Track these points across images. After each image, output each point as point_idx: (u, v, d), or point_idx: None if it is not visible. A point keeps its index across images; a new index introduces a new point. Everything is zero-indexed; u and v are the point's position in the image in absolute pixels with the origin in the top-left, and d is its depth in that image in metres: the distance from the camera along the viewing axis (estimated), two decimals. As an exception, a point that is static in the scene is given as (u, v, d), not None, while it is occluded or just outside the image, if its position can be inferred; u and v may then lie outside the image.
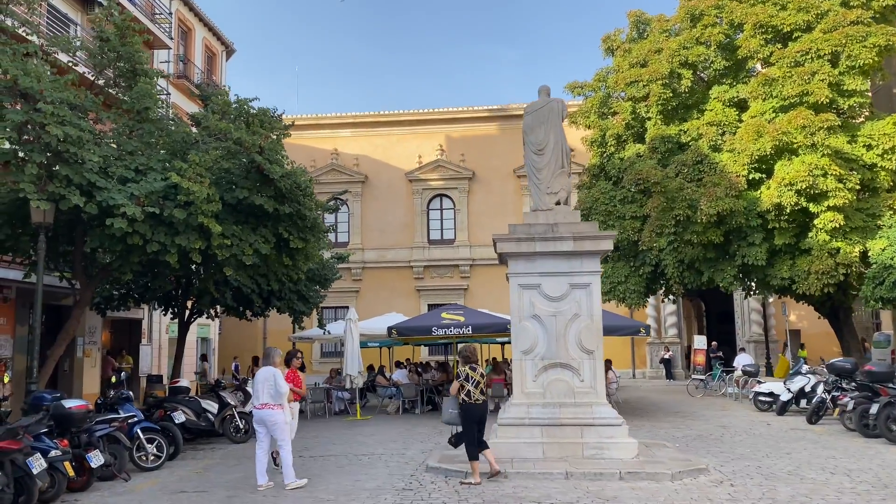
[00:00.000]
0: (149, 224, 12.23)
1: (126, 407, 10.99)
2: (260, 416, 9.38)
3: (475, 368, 9.68)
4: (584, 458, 10.03)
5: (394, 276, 37.49)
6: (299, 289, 19.48)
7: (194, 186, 12.06)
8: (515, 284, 10.80)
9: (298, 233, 14.31)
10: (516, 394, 10.58)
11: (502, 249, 10.70)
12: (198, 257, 12.83)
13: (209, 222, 12.45)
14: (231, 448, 13.55)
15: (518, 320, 10.73)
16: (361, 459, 11.49)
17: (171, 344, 27.56)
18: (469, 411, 9.51)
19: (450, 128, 38.44)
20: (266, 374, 9.41)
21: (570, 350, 10.59)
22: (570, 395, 10.50)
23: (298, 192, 14.02)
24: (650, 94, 23.37)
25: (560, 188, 11.19)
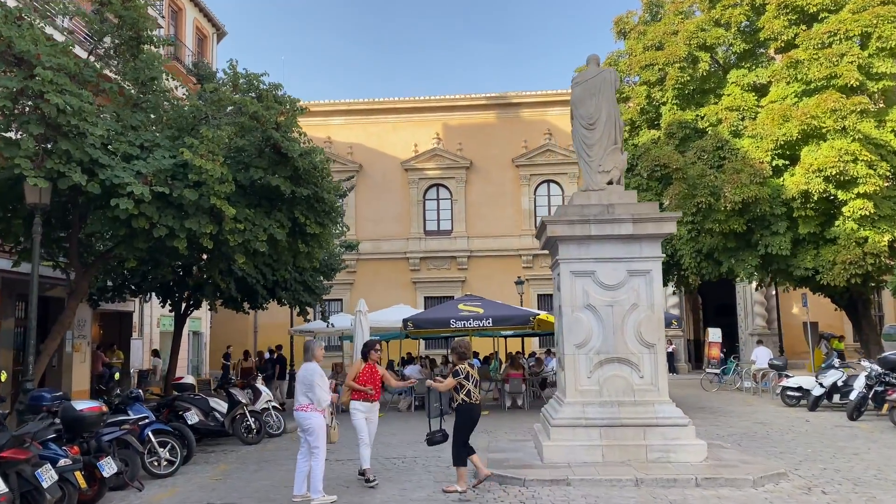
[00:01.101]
0: (156, 206, 11.11)
1: (135, 407, 9.88)
2: (296, 418, 8.36)
3: (473, 366, 8.77)
4: (649, 461, 9.12)
5: (389, 267, 36.42)
6: (305, 279, 18.41)
7: (207, 165, 10.96)
8: (567, 271, 9.84)
9: (315, 217, 13.25)
10: (570, 391, 9.64)
11: (553, 232, 9.73)
12: (209, 243, 11.73)
13: (222, 204, 11.37)
14: (244, 450, 12.49)
15: (570, 311, 9.77)
16: (396, 464, 10.50)
17: (164, 338, 26.39)
18: (470, 412, 8.63)
19: (447, 116, 37.39)
20: (303, 371, 8.36)
21: (629, 343, 9.66)
22: (629, 393, 9.57)
23: (316, 173, 12.97)
24: (666, 78, 22.51)
25: (613, 166, 10.25)
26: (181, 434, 10.42)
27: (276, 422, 14.26)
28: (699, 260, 21.51)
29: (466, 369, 8.64)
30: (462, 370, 8.61)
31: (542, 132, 36.56)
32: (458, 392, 8.58)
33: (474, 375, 8.74)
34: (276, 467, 10.59)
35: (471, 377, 8.67)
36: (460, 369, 8.60)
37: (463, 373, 8.59)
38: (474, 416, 8.74)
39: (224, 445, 13.01)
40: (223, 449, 12.62)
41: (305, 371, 8.32)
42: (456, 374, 8.60)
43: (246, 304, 19.19)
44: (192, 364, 28.36)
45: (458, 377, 8.57)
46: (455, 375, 8.60)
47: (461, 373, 8.58)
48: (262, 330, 36.12)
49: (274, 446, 12.91)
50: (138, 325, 24.38)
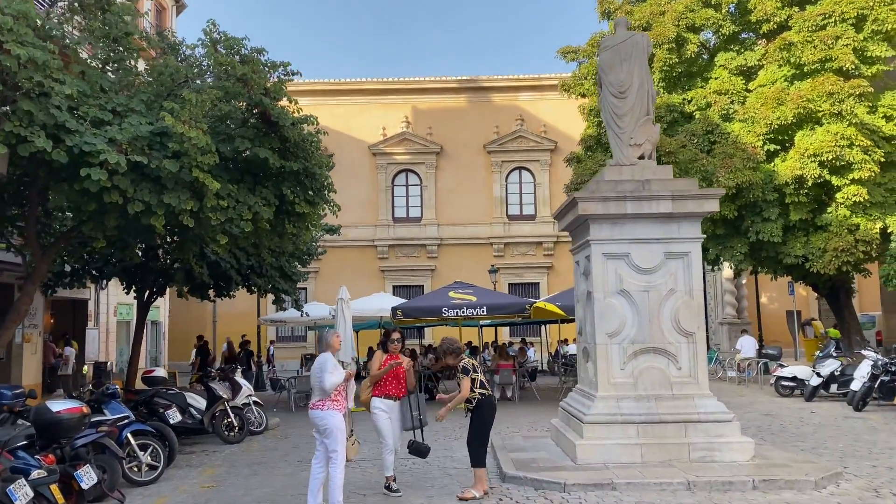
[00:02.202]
0: (130, 178, 9.84)
1: (112, 406, 8.65)
2: (310, 417, 7.28)
3: (470, 356, 7.86)
4: (692, 461, 8.31)
5: (356, 255, 35.18)
6: (282, 264, 17.20)
7: (191, 132, 9.73)
8: (599, 253, 8.95)
9: (305, 195, 12.10)
10: (602, 384, 8.76)
11: (585, 210, 8.81)
12: (189, 221, 10.49)
13: (205, 178, 10.14)
14: (227, 450, 11.33)
15: (602, 297, 8.89)
16: (409, 467, 9.47)
17: (120, 328, 24.82)
18: (492, 405, 7.73)
19: (416, 98, 36.23)
20: (315, 363, 7.30)
21: (665, 332, 8.83)
22: (666, 386, 8.75)
23: (307, 146, 11.82)
24: (653, 60, 21.84)
25: (645, 139, 9.38)
26: (162, 435, 9.21)
27: (257, 418, 13.11)
28: (686, 247, 20.91)
29: (472, 363, 7.70)
30: (469, 365, 7.64)
31: (513, 118, 35.72)
32: (472, 389, 7.62)
33: (480, 368, 7.82)
34: (271, 471, 9.49)
35: (478, 369, 7.74)
36: (467, 365, 7.62)
37: (470, 367, 7.63)
38: (494, 409, 7.83)
39: (204, 445, 11.83)
40: (203, 449, 11.43)
41: (318, 362, 7.25)
42: (466, 372, 7.59)
43: (211, 291, 17.88)
44: (151, 355, 26.81)
45: (470, 373, 7.58)
46: (465, 373, 7.59)
47: (470, 368, 7.61)
48: (221, 319, 34.58)
49: (259, 445, 11.77)
50: (94, 313, 22.77)
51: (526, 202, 36.00)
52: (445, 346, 7.84)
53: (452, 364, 7.77)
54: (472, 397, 7.62)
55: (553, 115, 35.50)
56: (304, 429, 13.59)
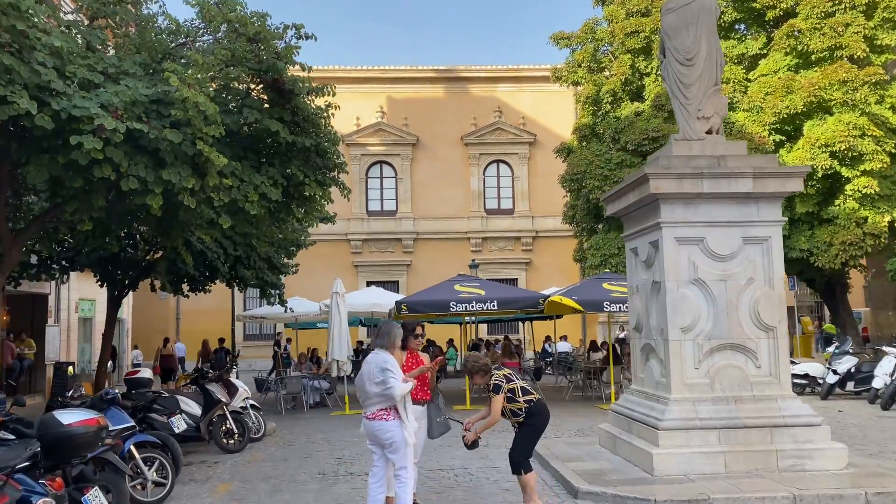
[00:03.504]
0: (124, 150, 8.51)
1: (113, 414, 7.30)
2: (368, 429, 6.08)
3: (500, 367, 6.76)
4: (780, 470, 7.40)
5: (329, 250, 33.64)
6: (271, 255, 15.87)
7: (198, 96, 8.46)
8: (671, 238, 7.97)
9: (315, 175, 10.87)
10: (675, 386, 7.79)
11: (658, 189, 7.82)
12: (190, 201, 9.17)
13: (210, 152, 8.86)
14: (230, 460, 10.04)
15: (675, 287, 7.91)
16: (450, 479, 8.34)
17: (82, 325, 23.09)
18: (545, 410, 6.65)
19: (392, 88, 34.95)
20: (371, 364, 6.08)
21: (744, 326, 7.91)
22: (745, 387, 7.83)
23: (319, 120, 10.61)
24: (653, 47, 21.09)
25: (714, 111, 8.44)
26: (166, 446, 7.92)
27: (255, 423, 11.83)
28: (686, 241, 20.19)
29: (502, 374, 6.56)
30: (500, 380, 6.50)
31: (492, 109, 34.72)
32: (513, 400, 6.49)
33: (512, 376, 6.67)
34: (294, 486, 8.26)
35: (513, 377, 6.63)
36: (498, 381, 6.47)
37: (504, 380, 6.51)
38: (548, 415, 6.76)
39: (201, 454, 10.51)
40: (202, 460, 10.13)
41: (374, 362, 6.02)
42: (497, 389, 6.44)
43: (185, 285, 16.45)
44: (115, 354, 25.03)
45: (504, 386, 6.45)
46: (496, 391, 6.45)
47: (502, 383, 6.47)
48: (185, 316, 32.93)
49: (264, 455, 10.51)
50: (54, 309, 21.01)
51: (504, 196, 35.06)
52: (471, 366, 6.60)
53: (481, 383, 6.61)
54: (517, 408, 6.51)
55: (532, 108, 34.67)
56: (305, 434, 12.39)
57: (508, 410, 6.53)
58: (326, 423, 14.03)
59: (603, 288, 14.32)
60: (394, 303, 14.86)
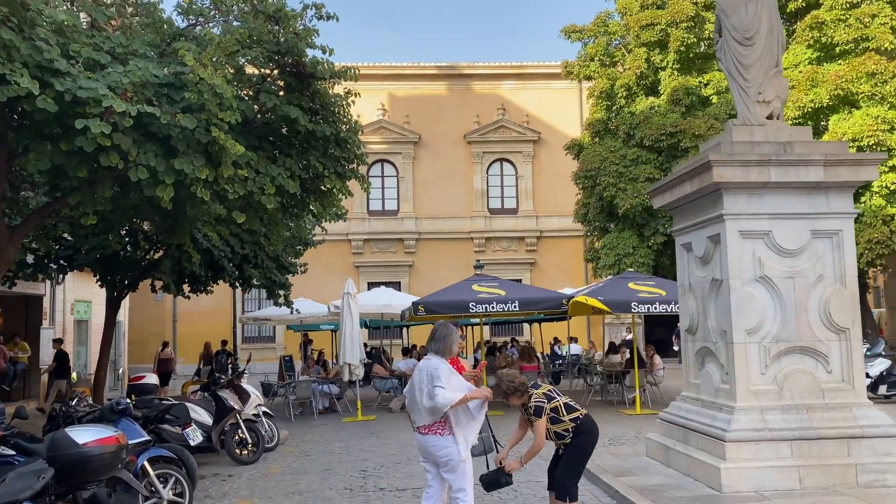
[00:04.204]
0: (132, 137, 7.79)
1: (125, 426, 6.56)
2: (421, 444, 5.37)
3: (538, 385, 6.02)
4: (861, 486, 6.76)
5: (329, 250, 32.70)
6: (278, 254, 15.15)
7: (216, 78, 7.75)
8: (734, 231, 7.31)
9: (335, 166, 10.17)
10: (740, 393, 7.13)
11: (721, 177, 7.16)
12: (204, 193, 8.45)
13: (226, 139, 8.16)
14: (246, 473, 9.32)
15: (740, 284, 7.25)
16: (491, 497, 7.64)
17: (78, 328, 22.28)
18: (592, 429, 5.93)
19: (393, 85, 34.22)
20: (423, 372, 5.39)
21: (814, 327, 7.25)
22: (816, 394, 7.17)
23: (340, 107, 9.92)
24: (669, 40, 20.51)
25: (774, 95, 7.79)
26: (181, 460, 7.19)
27: (268, 431, 11.11)
28: (704, 240, 19.58)
29: (542, 393, 5.85)
30: (541, 400, 5.79)
31: (495, 107, 34.03)
32: (557, 420, 5.80)
33: (552, 392, 5.97)
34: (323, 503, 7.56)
35: (553, 394, 5.93)
36: (539, 403, 5.75)
37: (545, 399, 5.81)
38: (597, 432, 6.07)
39: (213, 466, 9.79)
40: (215, 472, 9.41)
41: (427, 369, 5.31)
42: (539, 412, 5.75)
43: (186, 286, 15.72)
44: (111, 358, 24.21)
45: (545, 407, 5.75)
46: (538, 414, 5.77)
47: (544, 403, 5.76)
48: (182, 318, 32.09)
49: (282, 467, 9.79)
50: (49, 311, 20.21)
51: (508, 195, 34.38)
52: (506, 386, 5.77)
53: (518, 404, 5.88)
54: (563, 429, 5.81)
55: (537, 105, 34.01)
56: (320, 443, 11.68)
57: (552, 432, 5.84)
58: (340, 430, 13.32)
59: (629, 288, 13.67)
60: (410, 304, 14.15)
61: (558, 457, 6.05)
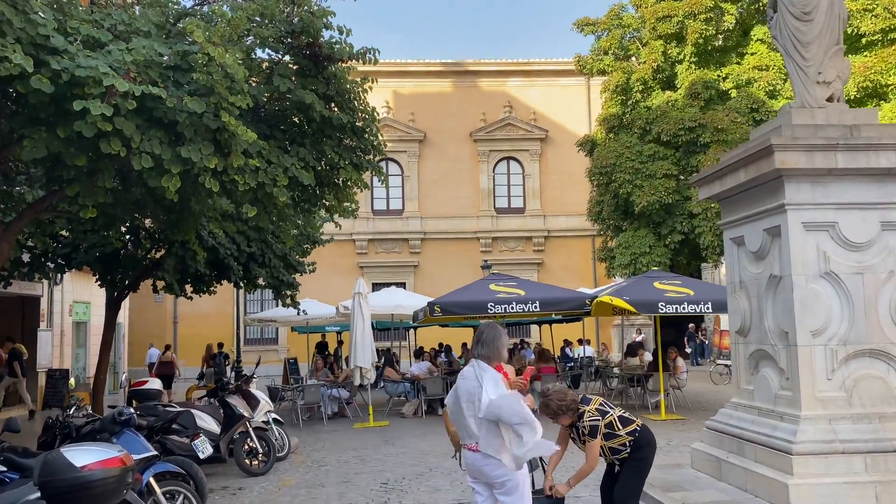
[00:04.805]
0: (136, 123, 7.14)
1: (128, 439, 5.89)
2: (471, 463, 4.68)
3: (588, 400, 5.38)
4: (943, 504, 6.09)
5: (333, 250, 31.98)
6: (286, 253, 14.49)
7: (227, 58, 7.11)
8: (797, 223, 6.66)
9: (351, 156, 9.52)
10: (806, 400, 6.48)
11: (784, 163, 6.52)
12: (213, 184, 7.80)
13: (236, 125, 7.51)
14: (258, 487, 8.66)
15: (803, 281, 6.60)
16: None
17: (77, 329, 21.63)
18: (651, 441, 5.43)
19: (398, 82, 33.57)
20: (469, 380, 4.69)
21: (885, 329, 6.61)
22: (889, 401, 6.53)
23: (356, 93, 9.28)
24: (686, 32, 19.89)
25: (836, 75, 7.16)
26: (189, 474, 6.53)
27: (279, 439, 10.45)
28: (723, 238, 18.95)
29: (594, 409, 5.23)
30: (593, 415, 5.17)
31: (501, 104, 33.42)
32: (613, 436, 5.17)
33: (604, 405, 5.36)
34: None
35: (606, 407, 5.31)
36: (592, 418, 5.11)
37: (599, 415, 5.20)
38: (655, 444, 5.46)
39: (221, 478, 9.13)
40: (223, 484, 8.75)
41: (473, 376, 4.63)
42: (594, 432, 5.13)
43: (188, 286, 15.08)
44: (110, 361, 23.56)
45: (600, 424, 5.11)
46: (593, 434, 5.14)
47: (598, 419, 5.13)
48: (183, 320, 31.46)
49: (297, 479, 9.13)
50: (47, 312, 19.55)
51: (514, 195, 33.77)
52: (556, 405, 5.11)
53: (568, 424, 5.24)
54: (619, 444, 5.19)
55: (544, 103, 33.41)
56: (333, 451, 11.02)
57: (607, 448, 5.21)
58: (352, 436, 12.66)
59: (655, 287, 13.02)
60: (424, 304, 13.49)
61: (613, 473, 5.42)
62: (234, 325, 22.54)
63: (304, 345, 23.19)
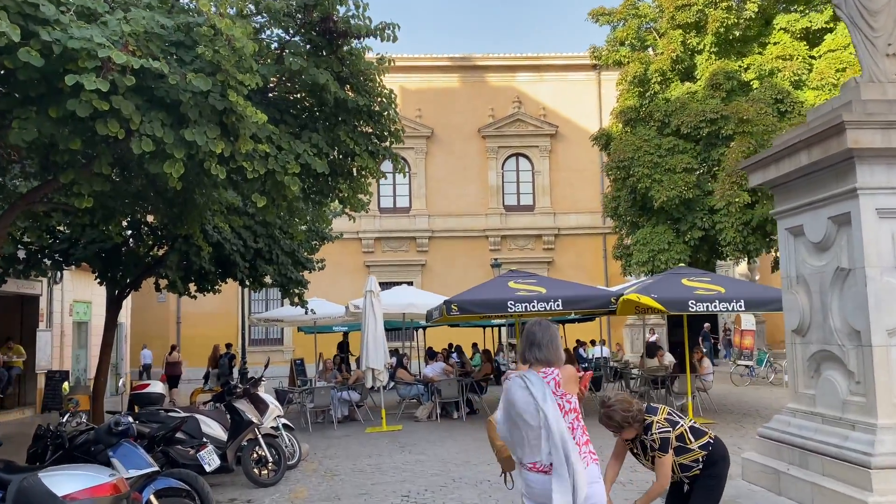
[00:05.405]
0: (135, 103, 6.49)
1: (126, 452, 5.23)
2: (535, 486, 3.92)
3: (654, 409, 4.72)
4: None
5: (338, 249, 31.28)
6: (294, 249, 13.84)
7: (235, 30, 6.46)
8: (870, 209, 5.98)
9: (367, 143, 8.86)
10: (882, 407, 5.80)
11: (857, 142, 5.85)
12: (220, 170, 7.15)
13: (245, 106, 6.86)
14: (269, 498, 8.02)
15: (877, 274, 5.93)
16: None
17: (77, 329, 21.00)
18: (725, 454, 4.80)
19: (404, 77, 32.83)
20: (527, 389, 3.92)
21: (967, 327, 5.92)
22: (974, 408, 5.84)
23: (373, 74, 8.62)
24: (707, 21, 19.21)
25: (905, 49, 6.48)
26: (194, 489, 5.87)
27: (289, 447, 9.79)
28: (746, 234, 18.28)
29: (663, 419, 4.57)
30: (662, 426, 4.52)
31: (510, 100, 32.79)
32: (685, 450, 4.51)
33: (673, 415, 4.70)
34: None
35: (674, 417, 4.67)
36: (661, 429, 4.45)
37: (669, 426, 4.56)
38: (729, 458, 4.82)
39: (227, 489, 8.48)
40: (231, 497, 8.09)
41: (527, 385, 3.94)
42: (665, 446, 4.48)
43: (192, 284, 14.44)
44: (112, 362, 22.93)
45: (671, 436, 4.46)
46: (664, 449, 4.48)
47: (668, 431, 4.49)
48: (186, 319, 30.81)
49: (308, 489, 8.47)
50: (46, 312, 18.92)
51: (524, 192, 33.10)
52: (620, 417, 4.47)
53: (632, 437, 4.58)
54: (691, 460, 4.53)
55: (553, 98, 32.77)
56: (347, 458, 10.36)
57: (676, 465, 4.56)
58: (365, 442, 12.00)
59: (683, 285, 12.34)
60: (440, 303, 12.83)
61: (680, 493, 4.76)
62: (238, 325, 21.89)
63: (310, 345, 22.55)
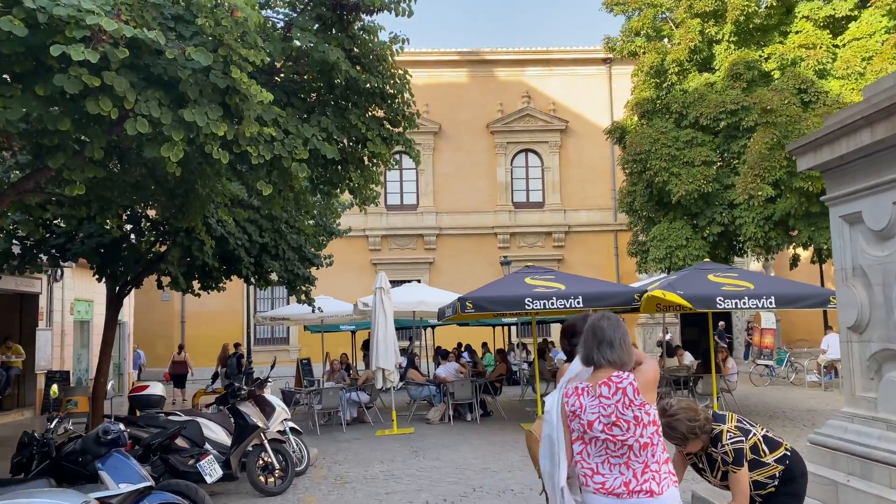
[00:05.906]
0: (129, 80, 5.92)
1: (116, 463, 4.66)
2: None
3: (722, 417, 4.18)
4: None
5: (345, 246, 30.88)
6: (301, 244, 13.28)
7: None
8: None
9: (380, 128, 8.28)
10: (958, 411, 5.21)
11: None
12: (222, 155, 6.58)
13: (249, 84, 6.31)
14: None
15: (950, 264, 5.34)
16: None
17: (78, 329, 20.49)
18: (804, 469, 4.32)
19: (412, 72, 32.21)
20: (602, 396, 3.31)
21: None
22: None
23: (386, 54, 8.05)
24: (726, 9, 18.60)
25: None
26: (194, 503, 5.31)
27: (297, 452, 9.23)
28: (767, 229, 17.65)
29: (734, 428, 4.05)
30: (735, 436, 3.99)
31: (519, 95, 32.16)
32: (759, 464, 3.94)
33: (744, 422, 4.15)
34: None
35: (745, 424, 4.15)
36: (734, 440, 3.94)
37: (742, 436, 4.02)
38: (807, 474, 4.28)
39: (232, 498, 7.92)
40: (235, 509, 7.53)
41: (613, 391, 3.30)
42: (740, 460, 3.92)
43: (196, 282, 13.90)
44: (114, 362, 22.41)
45: (745, 447, 3.89)
46: (738, 462, 3.91)
47: (740, 439, 3.98)
48: (190, 319, 30.31)
49: (318, 499, 7.91)
50: (46, 311, 18.40)
51: (533, 188, 32.47)
52: (686, 427, 3.86)
53: (700, 450, 4.00)
54: (766, 476, 3.97)
55: (563, 93, 32.15)
56: (357, 463, 9.80)
57: (749, 482, 3.98)
58: (375, 446, 11.43)
59: (710, 280, 11.74)
60: (454, 300, 12.24)
61: None
62: (244, 323, 21.36)
63: (317, 344, 22.02)
